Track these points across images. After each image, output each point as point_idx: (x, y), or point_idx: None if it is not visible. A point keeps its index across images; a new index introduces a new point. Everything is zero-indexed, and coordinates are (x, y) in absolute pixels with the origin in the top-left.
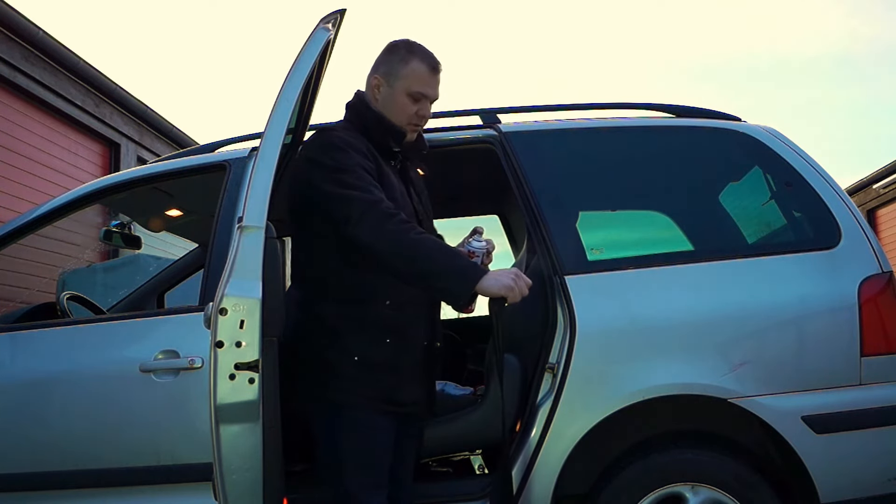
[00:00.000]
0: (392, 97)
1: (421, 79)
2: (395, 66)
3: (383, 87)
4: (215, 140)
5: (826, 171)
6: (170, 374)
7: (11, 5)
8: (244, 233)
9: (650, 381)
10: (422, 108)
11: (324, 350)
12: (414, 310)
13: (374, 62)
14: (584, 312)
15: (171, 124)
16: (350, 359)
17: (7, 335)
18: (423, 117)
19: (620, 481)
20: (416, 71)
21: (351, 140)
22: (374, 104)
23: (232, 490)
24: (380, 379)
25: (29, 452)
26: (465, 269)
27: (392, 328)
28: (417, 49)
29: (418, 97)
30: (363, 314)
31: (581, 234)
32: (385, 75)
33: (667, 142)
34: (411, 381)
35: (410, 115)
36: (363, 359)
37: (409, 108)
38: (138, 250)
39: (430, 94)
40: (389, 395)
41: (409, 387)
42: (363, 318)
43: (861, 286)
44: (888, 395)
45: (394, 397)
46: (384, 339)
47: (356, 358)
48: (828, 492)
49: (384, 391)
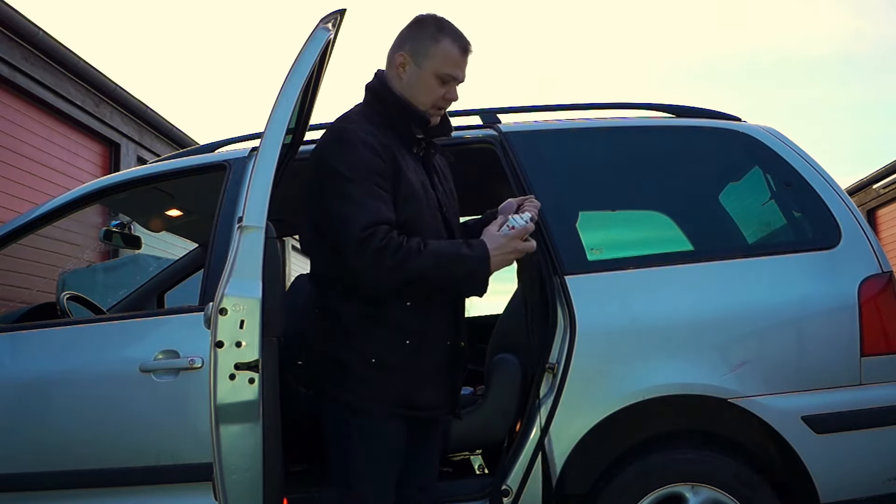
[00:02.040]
0: (419, 78)
1: (452, 60)
2: (424, 43)
3: (409, 65)
4: (215, 140)
5: (826, 171)
6: (170, 374)
7: (11, 5)
8: (244, 233)
9: (650, 381)
10: (449, 91)
11: (338, 349)
12: (437, 310)
13: (397, 37)
14: (584, 312)
15: (171, 124)
16: (366, 360)
17: (7, 335)
18: (449, 101)
19: (620, 481)
20: (447, 51)
21: (364, 136)
22: (396, 84)
23: (232, 490)
24: (396, 382)
25: (29, 452)
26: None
27: (412, 330)
28: (448, 27)
29: (447, 79)
30: (381, 315)
31: (581, 234)
32: (412, 53)
33: (667, 142)
34: (431, 383)
35: (437, 98)
36: (380, 361)
37: (437, 90)
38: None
39: (460, 76)
40: (405, 399)
41: (429, 390)
42: (381, 318)
43: (861, 286)
44: (888, 395)
45: (410, 401)
46: (403, 341)
47: (373, 360)
48: (828, 492)
49: (400, 395)
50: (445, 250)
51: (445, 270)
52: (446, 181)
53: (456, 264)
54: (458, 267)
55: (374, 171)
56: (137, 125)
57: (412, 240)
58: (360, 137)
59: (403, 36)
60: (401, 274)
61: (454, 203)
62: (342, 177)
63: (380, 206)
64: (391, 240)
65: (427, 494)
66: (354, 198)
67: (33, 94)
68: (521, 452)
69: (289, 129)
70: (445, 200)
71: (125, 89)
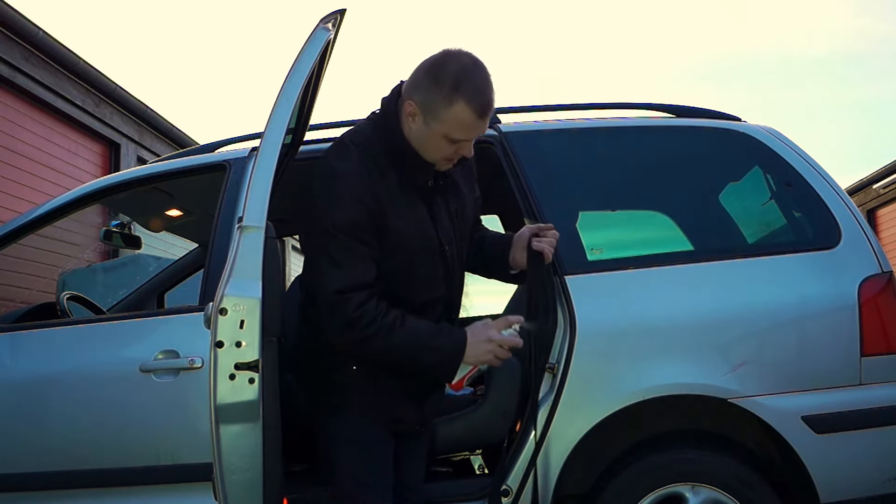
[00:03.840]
0: (427, 136)
1: (464, 125)
2: (436, 102)
3: (418, 119)
4: (215, 140)
5: (826, 171)
6: (170, 374)
7: (11, 5)
8: (244, 233)
9: (650, 381)
10: (462, 148)
11: (322, 356)
12: None
13: (413, 77)
14: (584, 312)
15: (171, 124)
16: (348, 368)
17: (7, 335)
18: (462, 156)
19: (620, 481)
20: (460, 116)
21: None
22: (405, 129)
23: (232, 490)
24: (378, 392)
25: (29, 453)
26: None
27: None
28: (466, 85)
29: (458, 140)
30: None
31: (581, 234)
32: (423, 108)
33: (667, 142)
34: (411, 399)
35: (447, 155)
36: (360, 369)
37: (447, 149)
38: (138, 250)
39: (474, 136)
40: (387, 411)
41: (409, 406)
42: None
43: (861, 286)
44: (888, 395)
45: (392, 415)
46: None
47: (354, 367)
48: (827, 492)
49: (382, 406)
50: (420, 336)
51: (414, 355)
52: (464, 203)
53: (427, 353)
54: (428, 355)
55: (358, 227)
56: (137, 125)
57: (389, 314)
58: (349, 188)
59: (417, 82)
60: (367, 348)
61: (465, 228)
62: (324, 230)
63: (358, 266)
64: (365, 312)
65: (418, 495)
66: (333, 256)
67: (33, 94)
68: (521, 452)
69: (289, 129)
70: (450, 235)
71: (125, 89)
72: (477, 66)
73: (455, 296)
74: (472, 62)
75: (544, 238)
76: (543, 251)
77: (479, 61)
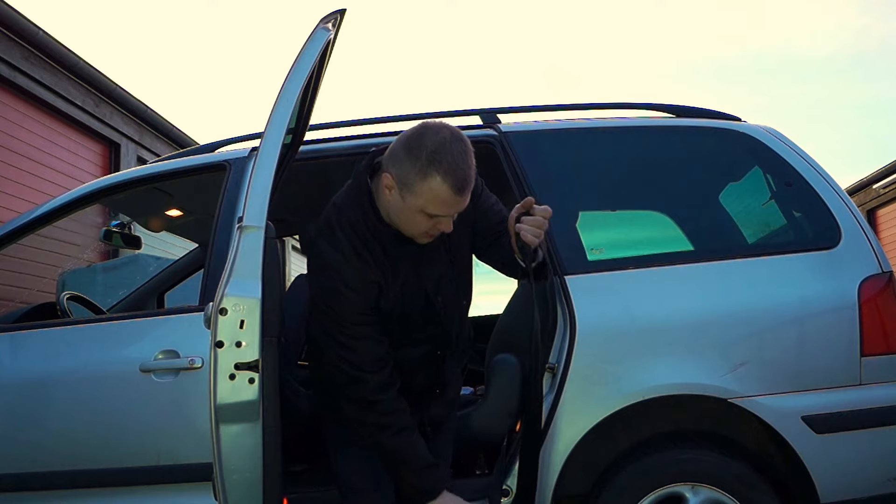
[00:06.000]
0: (403, 210)
1: (440, 200)
2: (411, 176)
3: (395, 192)
4: (215, 140)
5: (826, 171)
6: (170, 374)
7: (11, 5)
8: (244, 233)
9: (650, 381)
10: (440, 223)
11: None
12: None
13: (391, 150)
14: (584, 312)
15: (171, 124)
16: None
17: (7, 335)
18: (441, 231)
19: (621, 481)
20: (434, 191)
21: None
22: (380, 200)
23: (232, 490)
24: None
25: (29, 452)
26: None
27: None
28: (442, 160)
29: (435, 215)
30: None
31: (581, 234)
32: (399, 181)
33: (667, 142)
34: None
35: (426, 230)
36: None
37: (424, 223)
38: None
39: (453, 212)
40: None
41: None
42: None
43: (861, 286)
44: (888, 395)
45: None
46: None
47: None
48: (828, 492)
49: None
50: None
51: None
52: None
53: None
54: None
55: (363, 314)
56: (137, 125)
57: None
58: (348, 283)
59: (395, 154)
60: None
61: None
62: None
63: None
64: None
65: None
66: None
67: (33, 94)
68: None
69: (289, 129)
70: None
71: (125, 89)
72: (456, 140)
73: (453, 329)
74: (451, 135)
75: (528, 218)
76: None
77: (459, 134)
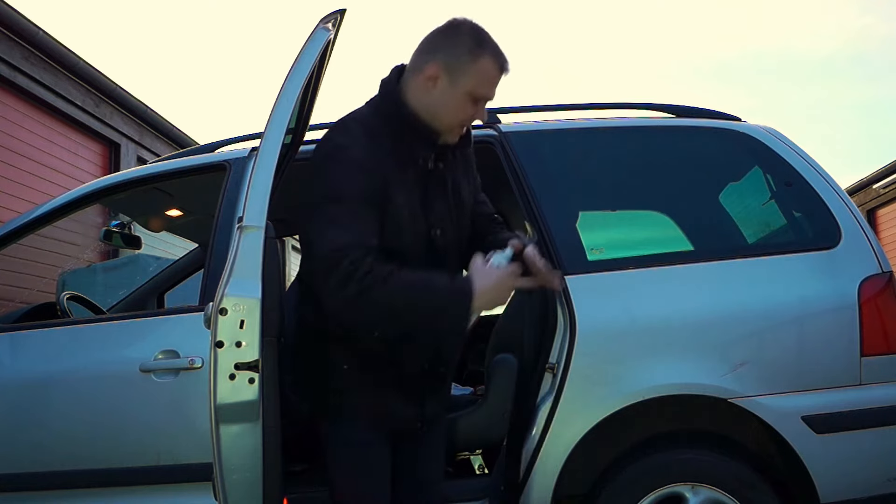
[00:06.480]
0: (452, 96)
1: (490, 79)
2: (461, 59)
3: (442, 80)
4: (215, 140)
5: (826, 171)
6: (170, 374)
7: (11, 5)
8: (244, 233)
9: (650, 381)
10: (479, 111)
11: (315, 354)
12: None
13: (428, 42)
14: (584, 312)
15: (171, 124)
16: (338, 367)
17: (7, 335)
18: (475, 120)
19: (620, 481)
20: (486, 71)
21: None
22: (421, 96)
23: (232, 490)
24: (372, 390)
25: (29, 452)
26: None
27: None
28: (488, 41)
29: (480, 99)
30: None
31: (581, 234)
32: (448, 68)
33: (667, 142)
34: (408, 396)
35: (466, 118)
36: (352, 367)
37: (468, 110)
38: (138, 250)
39: (492, 96)
40: (382, 410)
41: (407, 404)
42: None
43: (861, 286)
44: (888, 395)
45: (388, 413)
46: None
47: (345, 367)
48: (828, 492)
49: (377, 405)
50: (418, 280)
51: (415, 303)
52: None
53: (428, 297)
54: (429, 300)
55: (364, 196)
56: (137, 125)
57: (384, 266)
58: (355, 159)
59: (436, 43)
60: (364, 303)
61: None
62: (330, 199)
63: (362, 228)
64: (360, 264)
65: (433, 495)
66: (336, 219)
67: (33, 94)
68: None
69: (289, 129)
70: (443, 220)
71: (125, 89)
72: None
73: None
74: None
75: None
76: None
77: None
